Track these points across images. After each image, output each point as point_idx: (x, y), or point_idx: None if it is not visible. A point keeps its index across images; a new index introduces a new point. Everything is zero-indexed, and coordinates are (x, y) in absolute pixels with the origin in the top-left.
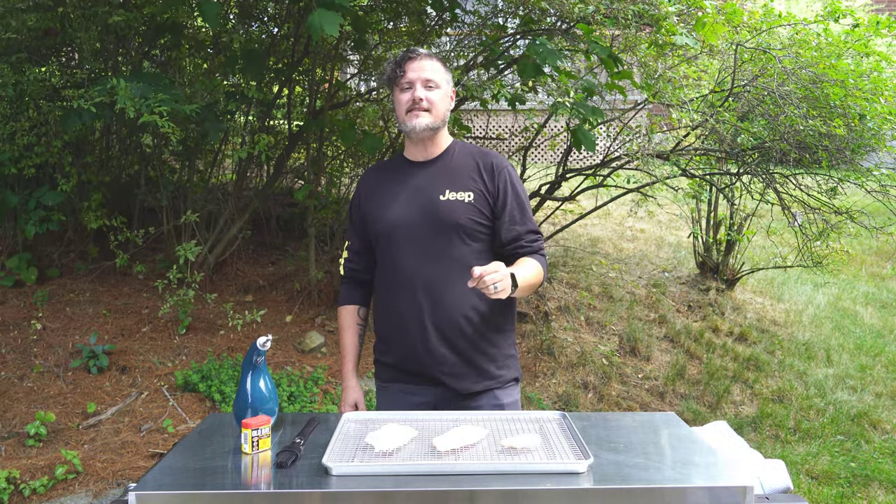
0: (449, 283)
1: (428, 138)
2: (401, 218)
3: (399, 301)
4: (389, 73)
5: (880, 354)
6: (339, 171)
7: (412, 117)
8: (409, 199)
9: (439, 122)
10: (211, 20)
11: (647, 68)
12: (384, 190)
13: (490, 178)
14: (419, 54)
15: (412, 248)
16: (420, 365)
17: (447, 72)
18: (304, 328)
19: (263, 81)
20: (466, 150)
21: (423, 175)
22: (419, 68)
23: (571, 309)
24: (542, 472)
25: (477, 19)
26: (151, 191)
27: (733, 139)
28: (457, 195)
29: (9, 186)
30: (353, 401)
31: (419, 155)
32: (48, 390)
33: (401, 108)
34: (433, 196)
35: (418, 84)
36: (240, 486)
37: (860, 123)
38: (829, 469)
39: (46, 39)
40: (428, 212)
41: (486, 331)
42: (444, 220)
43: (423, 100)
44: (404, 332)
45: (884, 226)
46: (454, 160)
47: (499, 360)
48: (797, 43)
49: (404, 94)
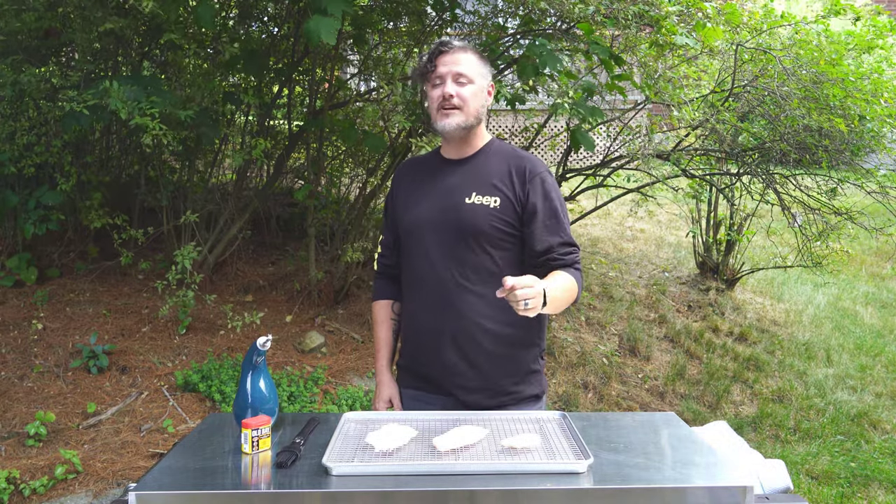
0: (467, 289)
1: (461, 137)
2: (423, 217)
3: (415, 302)
4: (421, 66)
5: (880, 354)
6: (339, 171)
7: (442, 116)
8: (435, 198)
9: (472, 121)
10: (206, 22)
11: (647, 68)
12: (414, 187)
13: (521, 183)
14: (452, 47)
15: (432, 249)
16: (431, 372)
17: (484, 64)
18: (304, 328)
19: (263, 82)
20: (502, 152)
21: (453, 175)
22: (451, 62)
23: (571, 309)
24: (542, 472)
25: (477, 19)
26: (151, 191)
27: (733, 139)
28: (482, 199)
29: (9, 186)
30: (388, 396)
31: (452, 153)
32: (48, 390)
33: (432, 105)
34: (459, 198)
35: (449, 79)
36: (240, 486)
37: (860, 124)
38: (829, 469)
39: (47, 40)
40: (451, 214)
41: (508, 344)
42: (465, 224)
43: (455, 96)
44: (418, 334)
45: (883, 226)
46: (487, 161)
47: (518, 376)
48: (797, 43)
49: (435, 89)
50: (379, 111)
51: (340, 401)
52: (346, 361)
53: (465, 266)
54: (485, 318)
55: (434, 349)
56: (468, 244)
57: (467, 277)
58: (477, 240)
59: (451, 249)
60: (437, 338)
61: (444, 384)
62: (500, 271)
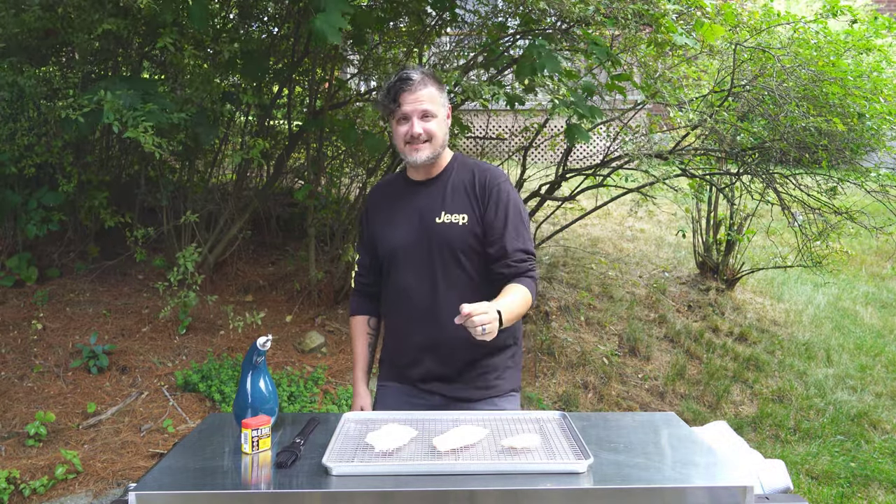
0: (447, 304)
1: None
2: (400, 240)
3: (399, 319)
4: (384, 101)
5: (880, 354)
6: (339, 171)
7: (412, 150)
8: (409, 220)
9: (439, 149)
10: (199, 22)
11: (646, 68)
12: (387, 211)
13: (482, 193)
14: (413, 83)
15: (412, 269)
16: (417, 376)
17: (442, 92)
18: (304, 328)
19: (263, 82)
20: (466, 167)
21: (422, 195)
22: (415, 100)
23: (571, 309)
24: (542, 472)
25: (477, 19)
26: (151, 191)
27: (733, 139)
28: (452, 217)
29: (9, 186)
30: (360, 407)
31: (419, 175)
32: (48, 390)
33: (399, 139)
34: (430, 218)
35: (415, 118)
36: (240, 486)
37: (859, 122)
38: (829, 469)
39: (47, 40)
40: (425, 234)
41: (486, 349)
42: (440, 242)
43: (423, 133)
44: (403, 348)
45: (883, 226)
46: (453, 179)
47: (496, 372)
48: (796, 42)
49: (401, 126)
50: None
51: (340, 401)
52: (346, 361)
53: (443, 280)
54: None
55: (417, 360)
56: (444, 260)
57: (446, 291)
58: (452, 255)
59: (429, 267)
60: (421, 352)
61: (429, 386)
62: (476, 281)
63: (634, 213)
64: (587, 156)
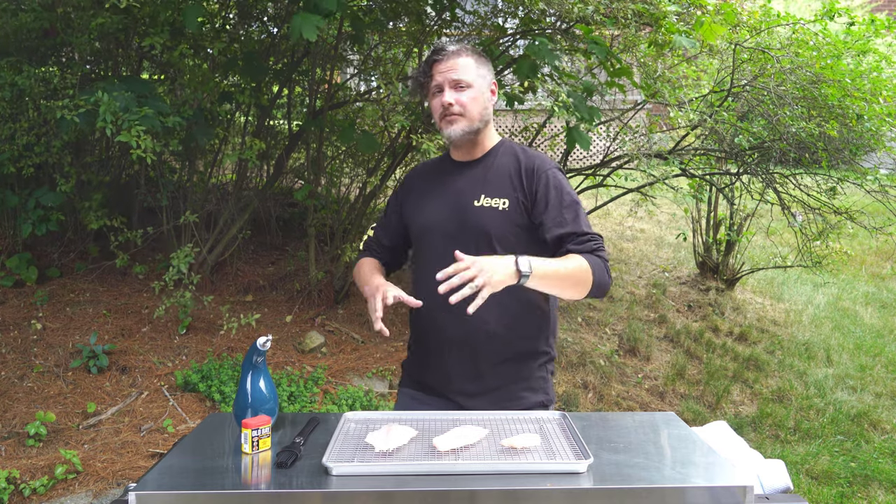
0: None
1: (469, 141)
2: (432, 221)
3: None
4: (418, 77)
5: (880, 354)
6: (339, 171)
7: (447, 124)
8: (445, 202)
9: (477, 124)
10: (191, 24)
11: (646, 68)
12: (424, 191)
13: (529, 180)
14: (446, 53)
15: (441, 253)
16: (431, 376)
17: (481, 64)
18: (304, 328)
19: (263, 82)
20: (511, 152)
21: (463, 177)
22: (447, 69)
23: (571, 309)
24: (542, 472)
25: (477, 19)
26: (151, 191)
27: (732, 139)
28: (492, 202)
29: (8, 186)
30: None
31: (462, 155)
32: (48, 390)
33: (435, 114)
34: (468, 201)
35: (447, 87)
36: (240, 486)
37: (858, 124)
38: (829, 469)
39: (46, 39)
40: (459, 217)
41: (512, 350)
42: (474, 227)
43: (455, 103)
44: (422, 339)
45: (883, 226)
46: (496, 163)
47: (522, 383)
48: (796, 43)
49: (435, 99)
50: (379, 111)
51: (340, 401)
52: (346, 361)
53: None
54: (492, 322)
55: (437, 352)
56: (478, 246)
57: None
58: (487, 241)
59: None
60: (440, 344)
61: (445, 391)
62: None
63: (634, 213)
64: (587, 156)
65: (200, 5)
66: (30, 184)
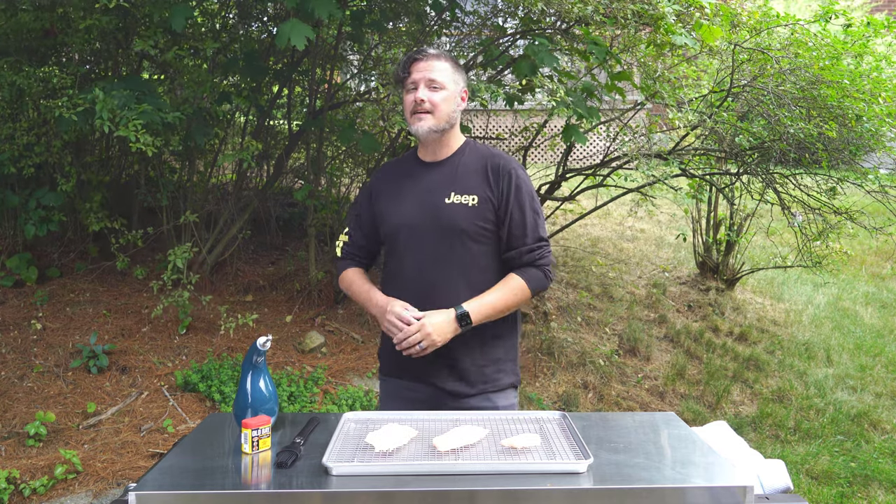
0: (448, 287)
1: (435, 140)
2: (405, 220)
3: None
4: (397, 73)
5: (880, 354)
6: (339, 171)
7: (415, 120)
8: (415, 200)
9: (443, 124)
10: (178, 24)
11: (646, 68)
12: (393, 190)
13: (495, 180)
14: (426, 54)
15: (414, 251)
16: (413, 365)
17: (457, 71)
18: (304, 328)
19: (263, 82)
20: (477, 152)
21: (431, 176)
22: (425, 68)
23: (571, 309)
24: (542, 472)
25: (476, 19)
26: (151, 191)
27: (732, 139)
28: (461, 198)
29: (9, 186)
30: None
31: (429, 155)
32: (48, 390)
33: (406, 109)
34: (438, 199)
35: (422, 85)
36: (240, 486)
37: (857, 124)
38: (829, 469)
39: (46, 39)
40: (431, 215)
41: (485, 337)
42: (446, 223)
43: (426, 101)
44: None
45: (883, 226)
46: (463, 162)
47: (494, 366)
48: (795, 43)
49: (409, 94)
50: (379, 111)
51: (340, 401)
52: (346, 361)
53: (446, 263)
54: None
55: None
56: (450, 242)
57: (449, 273)
58: (459, 237)
59: (433, 249)
60: None
61: (425, 377)
62: (482, 263)
63: (634, 213)
64: (587, 156)
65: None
66: (30, 184)
